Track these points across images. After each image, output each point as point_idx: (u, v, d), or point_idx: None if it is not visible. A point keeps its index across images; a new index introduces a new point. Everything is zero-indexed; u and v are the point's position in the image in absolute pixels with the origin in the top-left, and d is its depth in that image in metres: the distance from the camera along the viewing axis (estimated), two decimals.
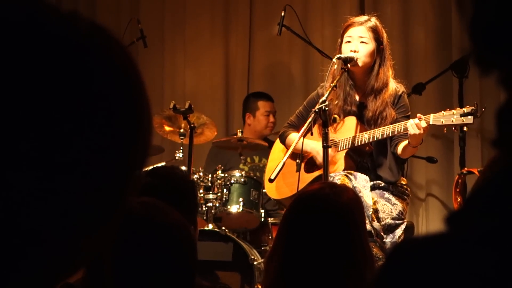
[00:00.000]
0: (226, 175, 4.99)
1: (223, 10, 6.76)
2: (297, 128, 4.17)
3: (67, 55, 0.66)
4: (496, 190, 0.65)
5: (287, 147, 4.23)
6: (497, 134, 0.69)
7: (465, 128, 4.00)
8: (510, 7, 0.67)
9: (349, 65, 4.03)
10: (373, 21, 4.13)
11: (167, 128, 5.09)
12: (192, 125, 4.73)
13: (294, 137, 4.16)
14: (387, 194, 4.06)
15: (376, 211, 3.96)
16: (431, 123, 3.85)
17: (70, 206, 0.66)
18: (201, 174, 4.95)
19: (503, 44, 0.68)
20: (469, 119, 3.80)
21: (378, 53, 4.09)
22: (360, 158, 4.17)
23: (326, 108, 3.78)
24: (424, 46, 6.25)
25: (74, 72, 0.66)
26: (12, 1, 0.67)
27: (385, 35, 4.14)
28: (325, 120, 3.78)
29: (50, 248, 0.66)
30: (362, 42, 4.07)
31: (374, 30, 4.10)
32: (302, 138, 3.83)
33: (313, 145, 4.14)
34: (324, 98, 3.83)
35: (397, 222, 4.01)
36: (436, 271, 0.64)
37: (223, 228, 4.81)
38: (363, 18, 4.16)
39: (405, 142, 3.98)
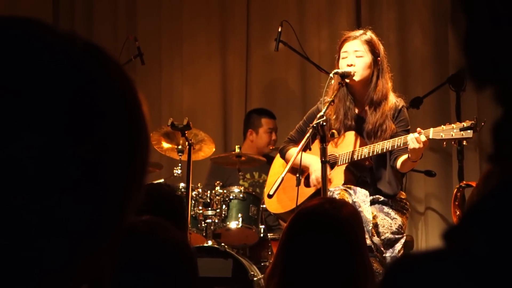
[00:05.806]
0: (225, 191, 4.99)
1: (220, 25, 6.77)
2: (297, 143, 4.16)
3: (63, 76, 0.66)
4: (492, 205, 0.66)
5: (287, 162, 4.22)
6: (493, 149, 0.69)
7: (464, 142, 3.99)
8: (503, 24, 0.68)
9: (346, 80, 4.03)
10: (368, 34, 4.14)
11: (165, 145, 5.08)
12: (190, 141, 4.73)
13: (293, 151, 4.14)
14: (386, 209, 4.05)
15: (375, 225, 3.94)
16: (430, 137, 3.84)
17: (69, 226, 0.66)
18: (200, 190, 4.94)
19: (497, 60, 0.68)
20: (469, 133, 3.78)
21: (375, 65, 4.10)
22: (360, 173, 4.16)
23: (324, 124, 3.78)
24: (421, 59, 6.26)
25: (70, 93, 0.66)
26: (9, 22, 0.68)
27: (381, 47, 4.14)
28: (323, 135, 3.78)
29: (50, 268, 0.66)
30: (358, 56, 4.08)
31: (369, 43, 4.10)
32: (300, 153, 3.83)
33: (311, 161, 4.13)
34: (321, 113, 3.83)
35: (396, 236, 4.00)
36: None
37: (223, 244, 4.80)
38: (358, 32, 4.17)
39: (405, 156, 3.97)
